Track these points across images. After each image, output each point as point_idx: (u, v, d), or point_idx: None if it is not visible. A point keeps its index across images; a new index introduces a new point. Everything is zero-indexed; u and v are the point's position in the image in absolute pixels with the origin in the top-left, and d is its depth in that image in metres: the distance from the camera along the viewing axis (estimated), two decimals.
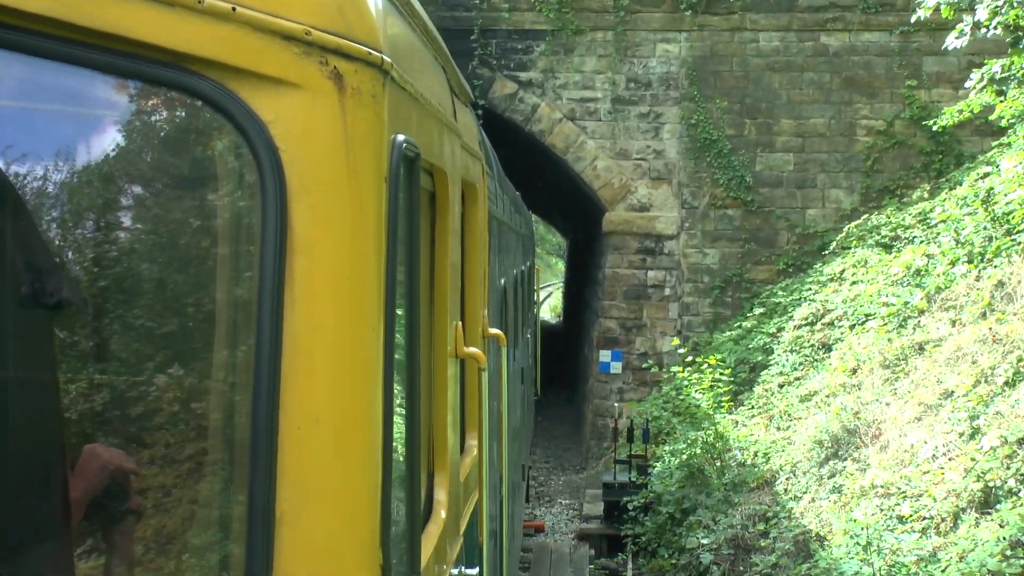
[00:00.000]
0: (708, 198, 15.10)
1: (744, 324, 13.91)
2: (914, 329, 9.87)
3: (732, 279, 14.96)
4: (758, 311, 13.99)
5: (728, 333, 13.96)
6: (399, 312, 1.74)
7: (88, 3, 1.45)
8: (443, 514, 2.47)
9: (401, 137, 1.71)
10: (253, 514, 1.46)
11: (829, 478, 8.56)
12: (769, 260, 14.96)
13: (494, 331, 3.63)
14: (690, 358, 12.53)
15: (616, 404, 13.71)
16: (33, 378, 1.46)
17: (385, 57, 1.61)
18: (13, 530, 1.42)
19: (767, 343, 12.95)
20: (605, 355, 14.96)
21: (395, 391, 1.68)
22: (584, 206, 18.31)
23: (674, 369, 12.72)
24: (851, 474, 8.34)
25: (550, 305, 45.04)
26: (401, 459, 1.85)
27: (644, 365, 14.41)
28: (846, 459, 8.63)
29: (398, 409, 1.78)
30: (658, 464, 11.25)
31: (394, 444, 1.66)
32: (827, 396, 10.25)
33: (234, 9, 1.50)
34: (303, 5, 1.54)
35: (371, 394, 1.57)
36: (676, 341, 13.53)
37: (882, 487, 7.71)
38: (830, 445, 8.92)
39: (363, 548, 1.54)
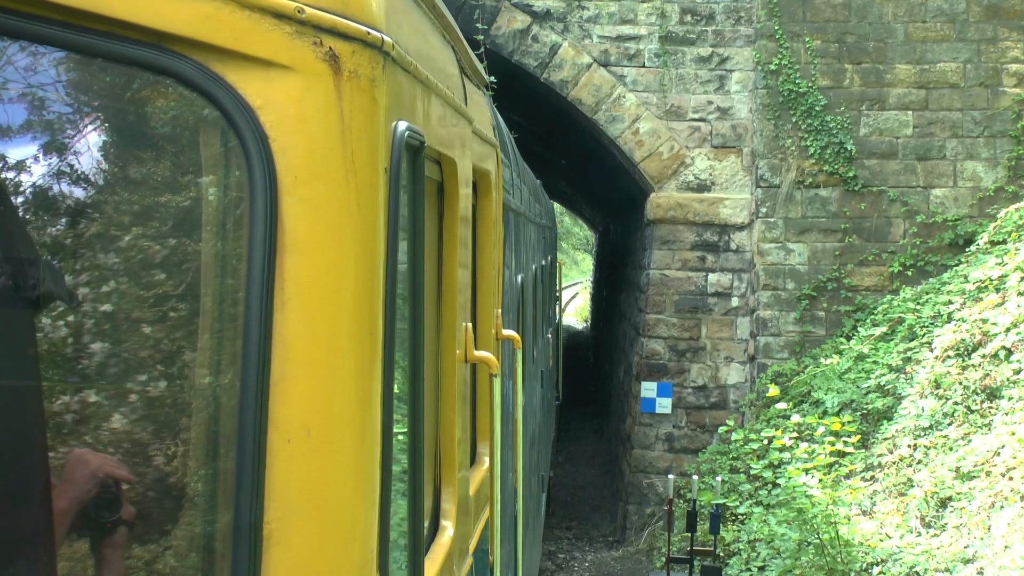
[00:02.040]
0: (794, 173, 15.43)
1: (852, 350, 13.69)
2: None
3: (827, 286, 15.28)
4: (872, 332, 13.85)
5: (826, 363, 13.85)
6: (402, 314, 2.22)
7: None
8: (450, 531, 3.02)
9: (403, 124, 2.19)
10: (238, 533, 1.91)
11: None
12: (879, 259, 15.27)
13: (508, 333, 4.37)
14: (795, 418, 11.54)
15: (670, 475, 13.32)
16: (13, 377, 1.92)
17: (385, 37, 2.09)
18: None
19: (890, 381, 12.40)
20: (649, 388, 15.34)
21: (396, 400, 2.16)
22: (619, 186, 18.71)
23: (765, 434, 12.00)
24: None
25: (576, 308, 46.13)
26: (403, 473, 2.35)
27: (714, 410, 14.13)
28: None
29: (400, 419, 2.27)
30: (732, 561, 10.95)
31: (395, 457, 2.13)
32: (1011, 477, 9.32)
33: None
34: None
35: (368, 404, 2.04)
36: (774, 390, 12.44)
37: None
38: None
39: (359, 571, 2.01)
